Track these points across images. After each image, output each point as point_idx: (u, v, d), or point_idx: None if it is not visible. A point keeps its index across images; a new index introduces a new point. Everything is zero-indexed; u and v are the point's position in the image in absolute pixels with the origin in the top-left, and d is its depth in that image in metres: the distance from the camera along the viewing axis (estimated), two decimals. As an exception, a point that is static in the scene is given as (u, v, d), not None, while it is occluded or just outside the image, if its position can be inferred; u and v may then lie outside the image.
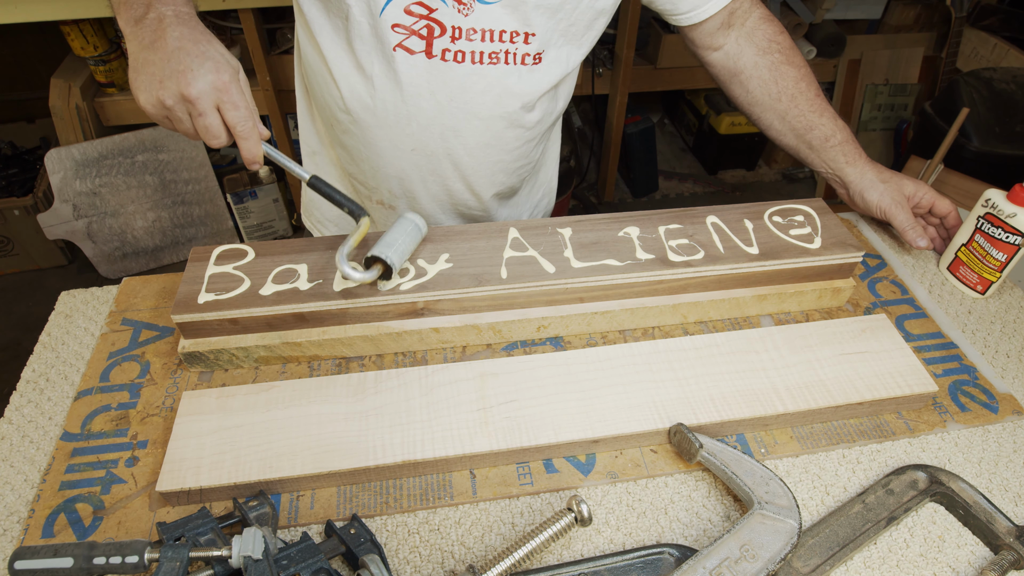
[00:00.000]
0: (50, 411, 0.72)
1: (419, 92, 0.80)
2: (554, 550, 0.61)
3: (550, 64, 0.84)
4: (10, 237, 2.27)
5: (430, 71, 0.79)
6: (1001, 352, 0.82)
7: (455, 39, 0.77)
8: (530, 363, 0.72)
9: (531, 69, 0.82)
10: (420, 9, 0.75)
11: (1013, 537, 0.61)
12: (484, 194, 0.94)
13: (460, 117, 0.83)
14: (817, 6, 2.60)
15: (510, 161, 0.92)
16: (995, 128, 2.04)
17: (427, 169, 0.89)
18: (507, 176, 0.94)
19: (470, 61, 0.79)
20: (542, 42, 0.80)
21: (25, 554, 0.53)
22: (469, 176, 0.91)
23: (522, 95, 0.84)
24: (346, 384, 0.70)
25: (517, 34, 0.78)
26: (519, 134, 0.89)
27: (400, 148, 0.86)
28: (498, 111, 0.84)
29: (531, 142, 0.92)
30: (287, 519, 0.62)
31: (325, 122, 0.94)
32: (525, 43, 0.79)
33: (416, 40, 0.77)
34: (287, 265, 0.76)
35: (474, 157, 0.88)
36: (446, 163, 0.88)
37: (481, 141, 0.87)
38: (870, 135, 2.72)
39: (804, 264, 0.79)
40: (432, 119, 0.83)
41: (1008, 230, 0.82)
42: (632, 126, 2.70)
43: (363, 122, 0.85)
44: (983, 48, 2.41)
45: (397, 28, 0.76)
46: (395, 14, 0.75)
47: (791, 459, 0.69)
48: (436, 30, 0.76)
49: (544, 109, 0.89)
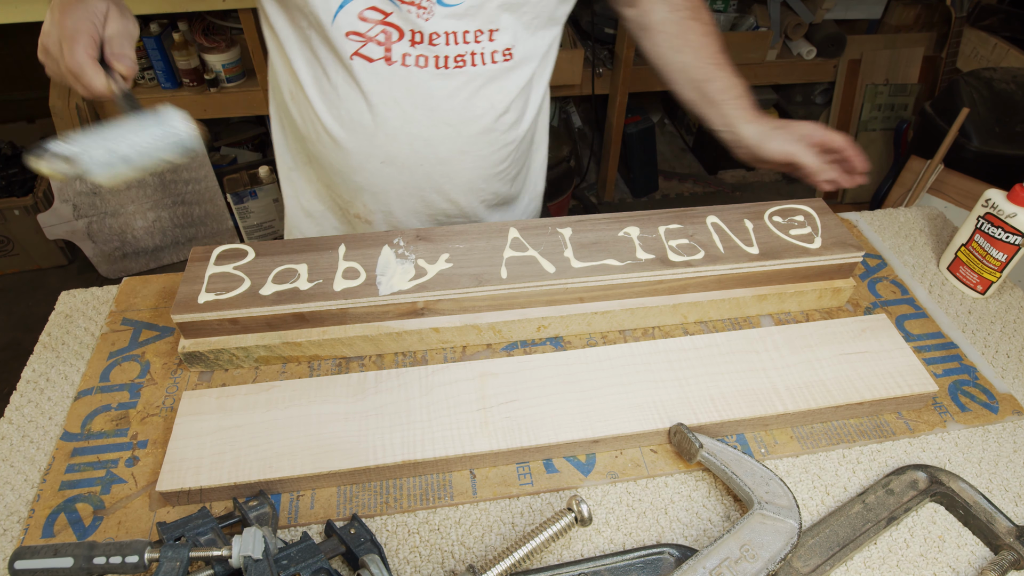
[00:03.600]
0: (50, 411, 0.72)
1: (383, 101, 0.78)
2: (554, 550, 0.61)
3: (519, 61, 0.81)
4: (10, 237, 2.27)
5: (392, 78, 0.77)
6: (1001, 352, 0.82)
7: (415, 43, 0.75)
8: (530, 363, 0.72)
9: (500, 68, 0.80)
10: (375, 15, 0.72)
11: (1013, 537, 0.61)
12: (466, 204, 0.92)
13: (428, 125, 0.81)
14: (817, 6, 2.60)
15: (488, 167, 0.89)
16: (995, 128, 2.04)
17: (400, 181, 0.86)
18: (488, 183, 0.91)
19: (434, 66, 0.76)
20: (509, 38, 0.78)
21: (25, 554, 0.53)
22: (445, 186, 0.88)
23: (492, 98, 0.81)
24: (346, 384, 0.70)
25: (481, 32, 0.76)
26: (494, 139, 0.86)
27: (370, 160, 0.84)
28: (468, 116, 0.81)
29: (510, 146, 0.89)
30: (287, 519, 0.62)
31: (297, 137, 0.91)
32: (491, 40, 0.77)
33: (374, 47, 0.74)
34: (287, 265, 0.76)
35: (449, 166, 0.86)
36: (419, 173, 0.86)
37: (454, 149, 0.84)
38: (870, 135, 2.72)
39: (804, 264, 0.79)
40: (399, 128, 0.81)
41: (1008, 230, 0.82)
42: (632, 126, 2.70)
43: (332, 134, 0.83)
44: (983, 48, 2.41)
45: (352, 36, 0.74)
46: (349, 21, 0.73)
47: (791, 459, 0.69)
48: (394, 35, 0.74)
49: (519, 110, 0.87)
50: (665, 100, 3.30)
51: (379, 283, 0.74)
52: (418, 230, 0.81)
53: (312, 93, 0.81)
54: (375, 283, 0.74)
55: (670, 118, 3.29)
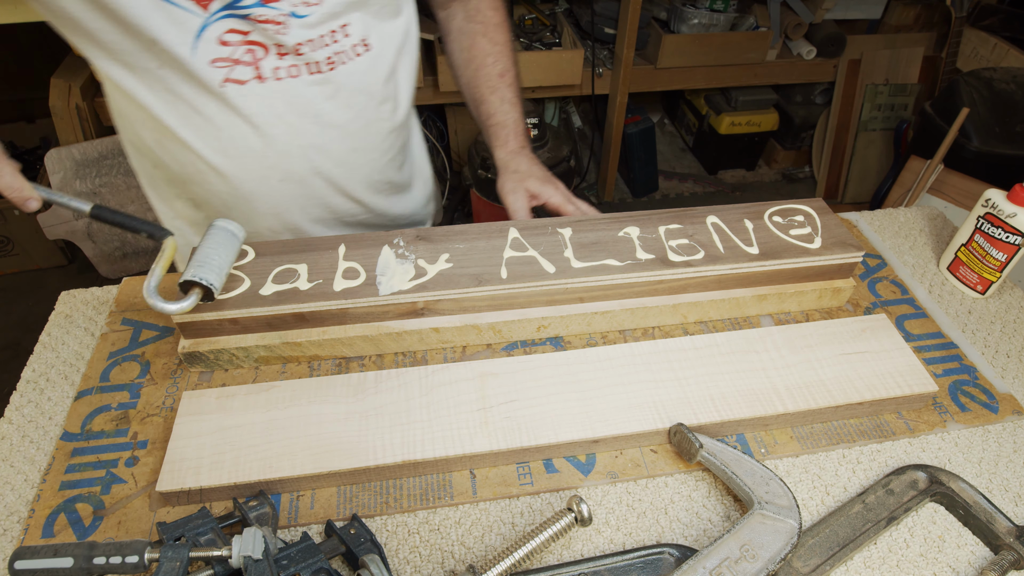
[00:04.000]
0: (50, 411, 0.72)
1: (266, 120, 0.77)
2: (554, 550, 0.61)
3: (378, 47, 0.81)
4: (10, 237, 2.27)
5: (269, 95, 0.75)
6: (1001, 352, 0.82)
7: (283, 55, 0.74)
8: (530, 363, 0.72)
9: (365, 60, 0.80)
10: (235, 36, 0.71)
11: (1013, 537, 0.61)
12: (367, 199, 0.92)
13: (316, 132, 0.80)
14: (817, 6, 2.60)
15: (379, 158, 0.90)
16: (995, 128, 2.04)
17: (301, 194, 0.86)
18: (382, 174, 0.92)
19: (307, 73, 0.76)
20: (361, 29, 0.78)
21: (25, 554, 0.53)
22: (346, 187, 0.88)
23: (367, 88, 0.82)
24: (346, 384, 0.70)
25: (334, 31, 0.76)
26: (380, 128, 0.87)
27: (266, 183, 0.82)
28: (352, 113, 0.82)
29: (394, 133, 0.90)
30: (287, 519, 0.62)
31: (174, 183, 0.87)
32: (346, 36, 0.77)
33: (243, 68, 0.73)
34: (287, 265, 0.76)
35: (345, 166, 0.86)
36: (318, 182, 0.85)
37: (346, 148, 0.84)
38: (870, 135, 2.72)
39: (804, 264, 0.79)
40: (289, 143, 0.80)
41: (1008, 230, 0.82)
42: (632, 126, 2.70)
43: (219, 169, 0.80)
44: (983, 48, 2.41)
45: (218, 62, 0.71)
46: (210, 49, 0.70)
47: (791, 459, 0.69)
48: (259, 52, 0.73)
49: (393, 96, 0.87)
50: (665, 100, 3.30)
51: (379, 283, 0.74)
52: (418, 230, 0.81)
53: (184, 134, 0.77)
54: (375, 283, 0.74)
55: (670, 118, 3.29)
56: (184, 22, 0.68)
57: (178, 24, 0.68)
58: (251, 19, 0.70)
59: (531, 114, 2.16)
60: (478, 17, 0.94)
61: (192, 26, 0.68)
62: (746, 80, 2.64)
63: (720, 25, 2.49)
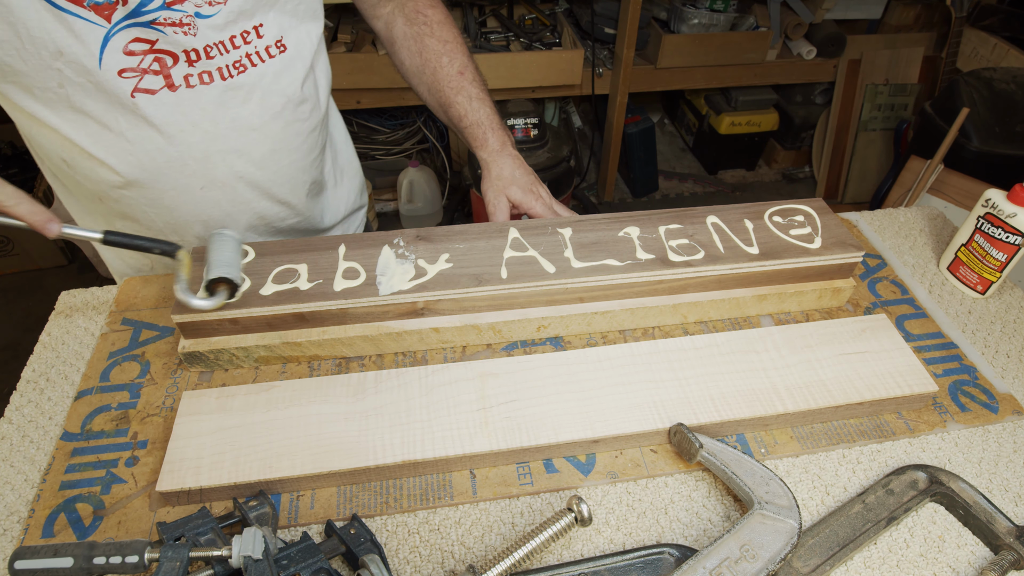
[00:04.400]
0: (50, 411, 0.72)
1: (180, 129, 0.75)
2: (554, 550, 0.61)
3: (295, 47, 0.80)
4: (10, 237, 2.27)
5: (182, 104, 0.74)
6: (1001, 352, 0.82)
7: (193, 63, 0.72)
8: (530, 363, 0.72)
9: (279, 60, 0.79)
10: (140, 46, 0.69)
11: (1013, 537, 0.61)
12: (293, 200, 0.91)
13: (234, 137, 0.79)
14: (817, 6, 2.60)
15: (301, 157, 0.88)
16: (995, 128, 2.05)
17: (226, 200, 0.84)
18: (306, 173, 0.90)
19: (219, 78, 0.74)
20: (276, 29, 0.77)
21: (25, 554, 0.53)
22: (271, 189, 0.87)
23: (284, 90, 0.81)
24: (346, 384, 0.70)
25: (248, 32, 0.75)
26: (299, 128, 0.85)
27: (189, 191, 0.81)
28: (269, 115, 0.80)
29: (315, 132, 0.89)
30: (287, 519, 0.62)
31: (90, 198, 0.84)
32: (259, 37, 0.76)
33: (152, 78, 0.71)
34: (287, 265, 0.76)
35: (267, 169, 0.84)
36: (241, 187, 0.84)
37: (266, 150, 0.83)
38: (870, 135, 2.72)
39: (804, 264, 0.79)
40: (207, 150, 0.78)
41: (1008, 230, 0.82)
42: (632, 126, 2.70)
43: (137, 182, 0.78)
44: (983, 48, 2.41)
45: (125, 73, 0.69)
46: (116, 60, 0.68)
47: (791, 459, 0.69)
48: (169, 61, 0.71)
49: (312, 96, 0.86)
50: (665, 100, 3.30)
51: (379, 283, 0.74)
52: (418, 230, 0.81)
53: (96, 150, 0.74)
54: (375, 283, 0.74)
55: (670, 118, 3.29)
56: (87, 33, 0.66)
57: (81, 36, 0.66)
58: (156, 25, 0.68)
59: (531, 114, 2.16)
60: (419, 19, 0.92)
61: (96, 37, 0.66)
62: (746, 80, 2.64)
63: (720, 25, 2.49)
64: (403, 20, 0.93)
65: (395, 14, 0.94)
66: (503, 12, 2.50)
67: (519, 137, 2.16)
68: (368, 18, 0.97)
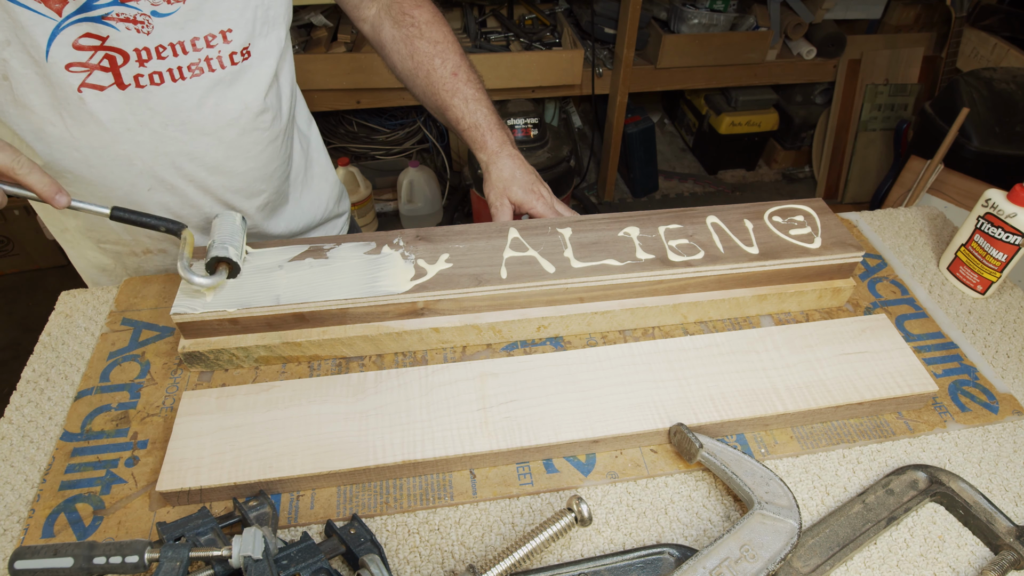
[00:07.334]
0: (50, 411, 0.72)
1: (128, 127, 0.73)
2: (554, 550, 0.61)
3: (261, 55, 0.78)
4: (10, 237, 2.27)
5: (130, 103, 0.72)
6: (1001, 352, 0.82)
7: (144, 62, 0.70)
8: (530, 363, 0.72)
9: (242, 67, 0.77)
10: (91, 41, 0.67)
11: (1013, 537, 0.61)
12: (248, 208, 0.88)
13: (186, 140, 0.77)
14: (817, 6, 2.61)
15: (259, 167, 0.85)
16: (995, 128, 2.05)
17: (177, 203, 0.82)
18: (267, 183, 0.88)
19: (171, 79, 0.72)
20: (245, 35, 0.75)
21: (25, 554, 0.53)
22: (224, 195, 0.84)
23: (243, 97, 0.78)
24: (346, 384, 0.70)
25: (213, 36, 0.72)
26: (258, 137, 0.83)
27: (136, 191, 0.79)
28: (224, 121, 0.78)
29: (276, 142, 0.86)
30: (287, 519, 0.62)
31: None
32: (225, 42, 0.74)
33: (101, 75, 0.69)
34: (287, 265, 0.76)
35: (221, 175, 0.82)
36: (192, 190, 0.82)
37: (219, 156, 0.81)
38: (870, 135, 2.72)
39: (804, 264, 0.79)
40: (155, 151, 0.76)
41: (1008, 230, 0.82)
42: (632, 126, 2.70)
43: (87, 180, 0.76)
44: (983, 48, 2.41)
45: (73, 68, 0.68)
46: (64, 53, 0.67)
47: (791, 459, 0.69)
48: (119, 59, 0.69)
49: (274, 106, 0.83)
50: (665, 100, 3.30)
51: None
52: (418, 230, 0.81)
53: (41, 147, 0.73)
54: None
55: (670, 118, 3.29)
56: (35, 25, 0.65)
57: (27, 28, 0.65)
58: (108, 20, 0.67)
59: (531, 114, 2.16)
60: (406, 20, 0.90)
61: (44, 29, 0.65)
62: (746, 80, 2.64)
63: (720, 25, 2.49)
64: (390, 23, 0.91)
65: (381, 16, 0.92)
66: (503, 12, 2.50)
67: (519, 137, 2.16)
68: (354, 20, 0.95)
